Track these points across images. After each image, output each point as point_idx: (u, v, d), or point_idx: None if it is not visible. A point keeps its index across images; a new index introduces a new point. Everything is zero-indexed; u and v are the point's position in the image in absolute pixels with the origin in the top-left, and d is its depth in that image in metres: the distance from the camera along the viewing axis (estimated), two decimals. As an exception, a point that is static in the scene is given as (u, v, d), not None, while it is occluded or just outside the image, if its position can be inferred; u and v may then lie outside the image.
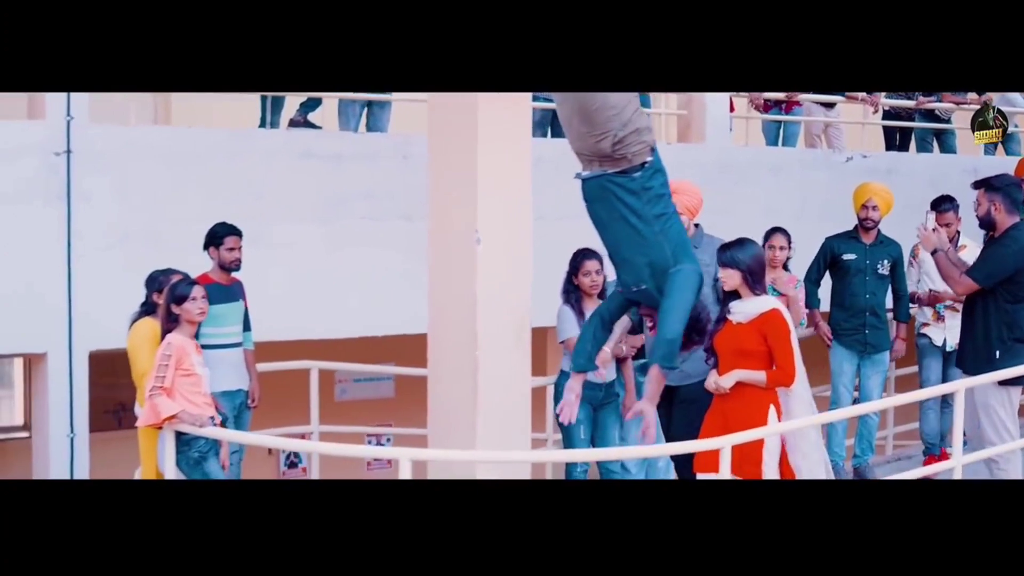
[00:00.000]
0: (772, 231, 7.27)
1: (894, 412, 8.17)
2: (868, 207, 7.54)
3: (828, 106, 10.91)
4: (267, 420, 7.47)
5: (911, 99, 10.87)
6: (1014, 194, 6.40)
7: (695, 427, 5.58)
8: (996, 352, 6.24)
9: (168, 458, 5.43)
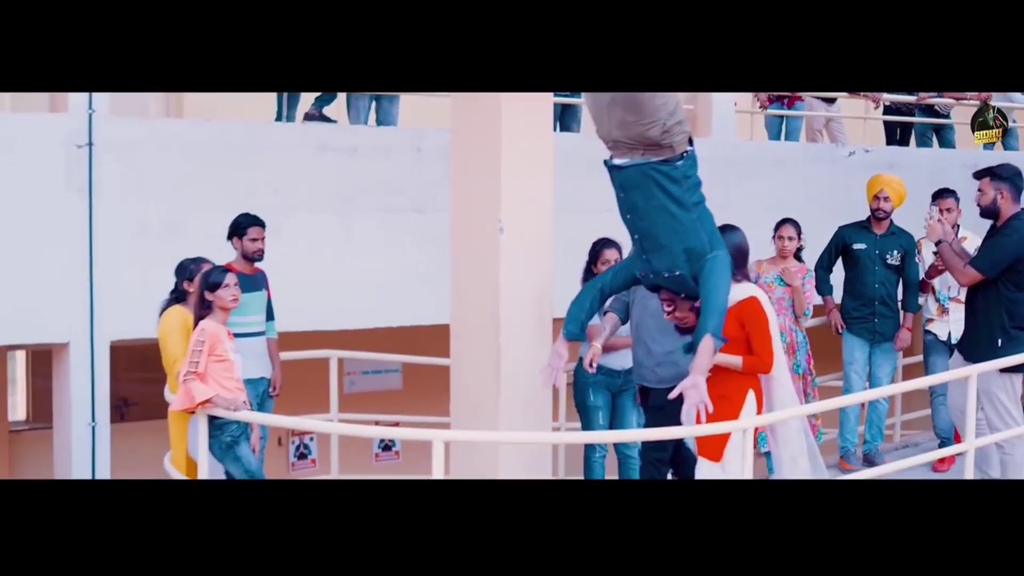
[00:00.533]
0: (781, 222, 7.43)
1: (902, 401, 8.30)
2: (880, 198, 7.67)
3: (829, 101, 11.07)
4: (280, 409, 7.57)
5: (911, 94, 11.03)
6: (1018, 183, 6.51)
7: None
8: (999, 340, 6.34)
9: (201, 443, 5.54)
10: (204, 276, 5.69)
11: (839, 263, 7.84)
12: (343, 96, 9.10)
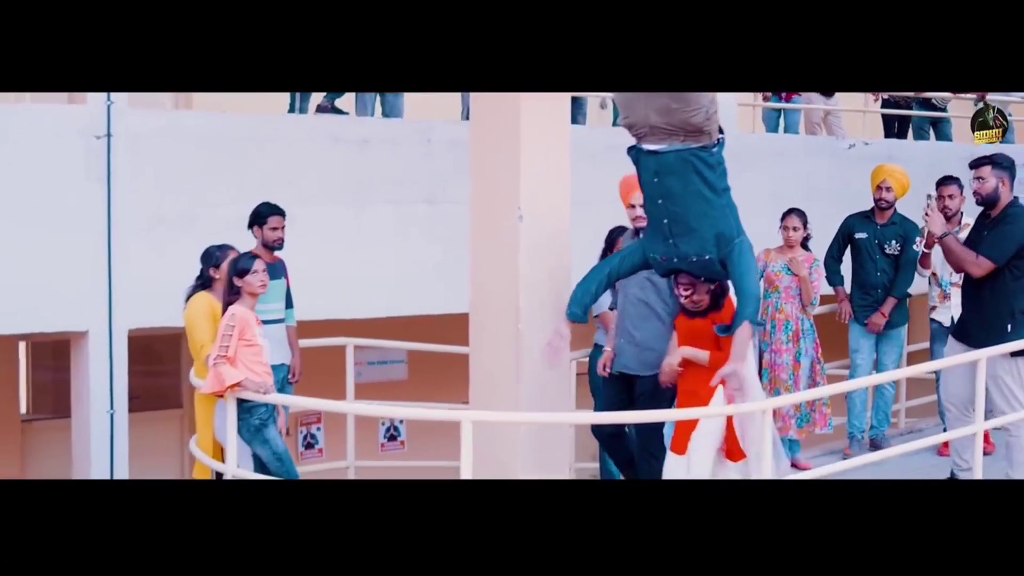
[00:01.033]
0: (787, 212, 7.57)
1: (907, 388, 8.44)
2: (882, 188, 7.80)
3: (827, 94, 11.22)
4: (293, 397, 7.70)
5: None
6: (1014, 171, 6.64)
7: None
8: (1008, 325, 6.47)
9: (230, 426, 5.65)
10: (233, 262, 5.80)
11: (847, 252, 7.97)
12: (349, 88, 9.22)
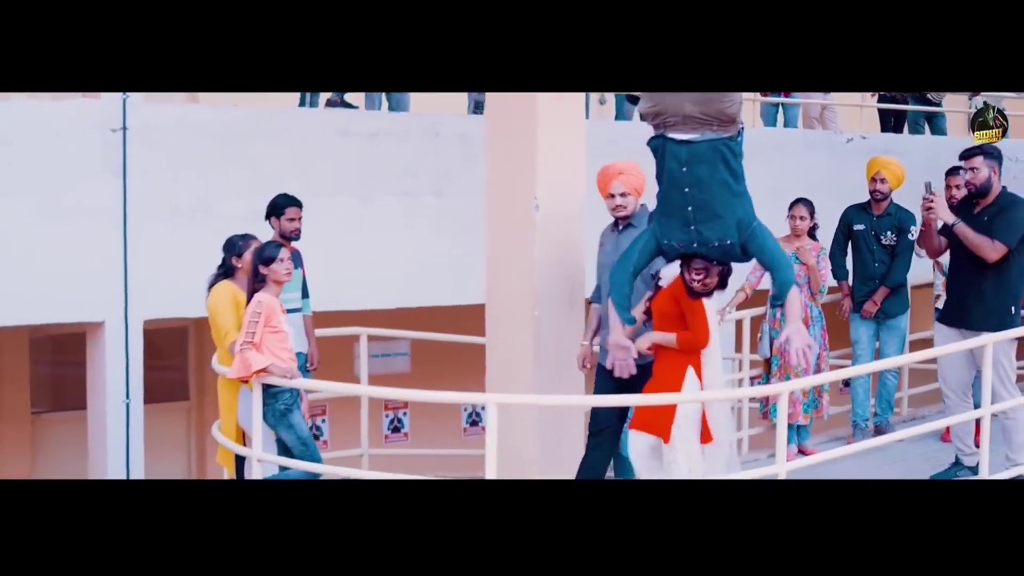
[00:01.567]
0: (795, 202, 7.71)
1: (909, 377, 8.58)
2: (877, 180, 7.92)
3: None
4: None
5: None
6: (1002, 161, 6.80)
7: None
8: (1012, 308, 6.62)
9: (256, 410, 5.76)
10: (258, 251, 5.90)
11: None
12: (360, 83, 9.32)
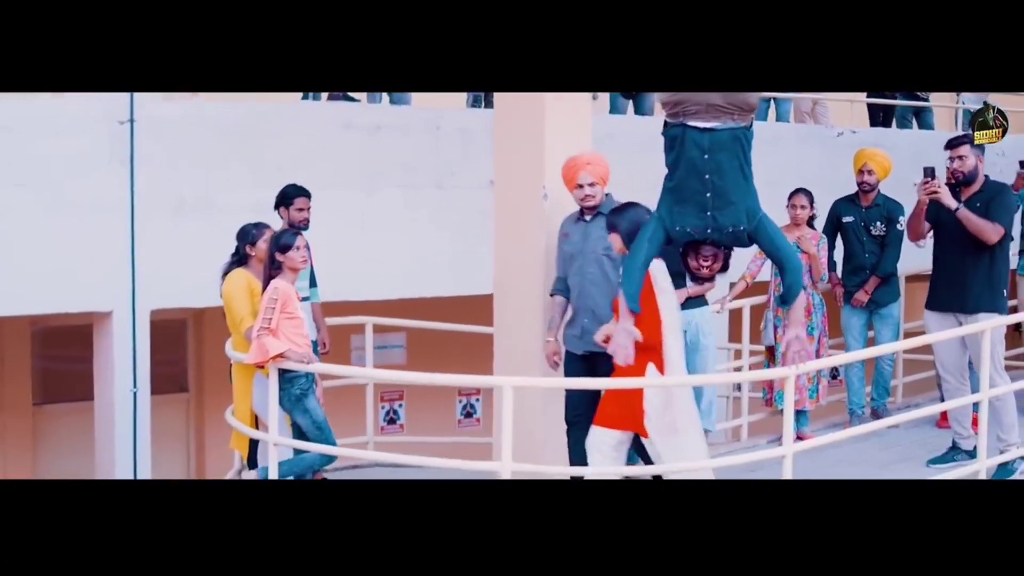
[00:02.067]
0: (795, 192, 7.86)
1: (904, 366, 8.74)
2: (864, 171, 8.07)
3: (816, 86, 11.54)
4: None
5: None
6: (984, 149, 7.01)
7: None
8: (1003, 290, 6.81)
9: (272, 395, 5.86)
10: (275, 238, 6.00)
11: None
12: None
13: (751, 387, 8.29)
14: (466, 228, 8.96)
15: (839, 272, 8.18)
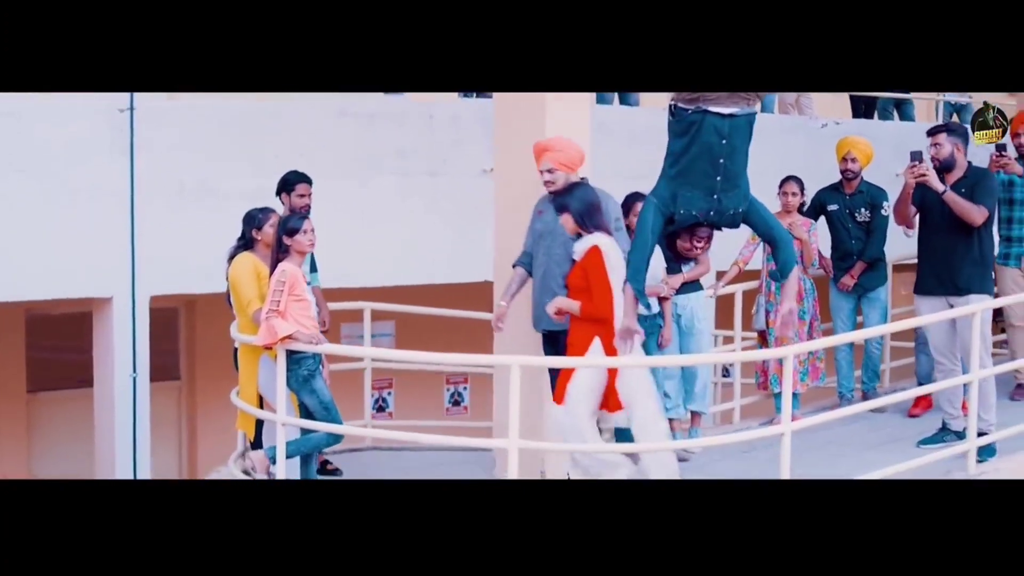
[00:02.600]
0: (786, 179, 8.02)
1: (891, 352, 8.91)
2: (848, 159, 8.21)
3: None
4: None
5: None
6: (967, 138, 7.16)
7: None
8: (992, 273, 7.00)
9: (280, 376, 5.95)
10: (283, 222, 6.10)
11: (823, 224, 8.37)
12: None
13: (743, 371, 8.45)
14: (459, 216, 9.09)
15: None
